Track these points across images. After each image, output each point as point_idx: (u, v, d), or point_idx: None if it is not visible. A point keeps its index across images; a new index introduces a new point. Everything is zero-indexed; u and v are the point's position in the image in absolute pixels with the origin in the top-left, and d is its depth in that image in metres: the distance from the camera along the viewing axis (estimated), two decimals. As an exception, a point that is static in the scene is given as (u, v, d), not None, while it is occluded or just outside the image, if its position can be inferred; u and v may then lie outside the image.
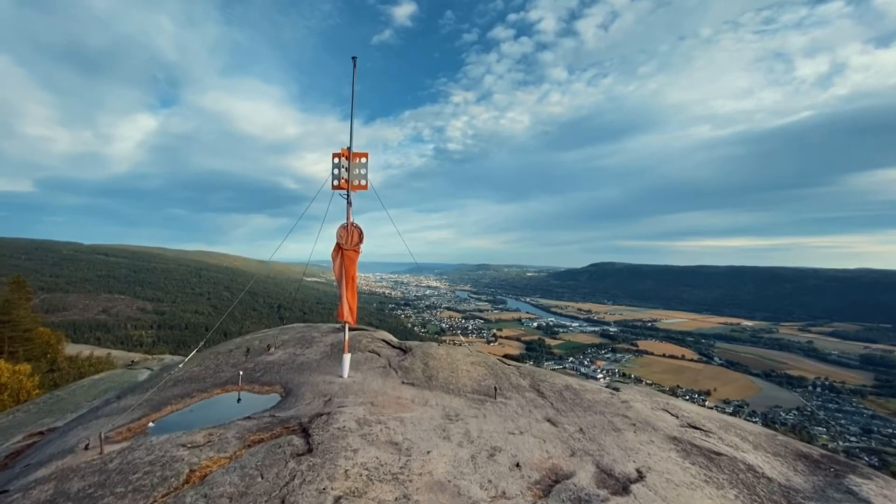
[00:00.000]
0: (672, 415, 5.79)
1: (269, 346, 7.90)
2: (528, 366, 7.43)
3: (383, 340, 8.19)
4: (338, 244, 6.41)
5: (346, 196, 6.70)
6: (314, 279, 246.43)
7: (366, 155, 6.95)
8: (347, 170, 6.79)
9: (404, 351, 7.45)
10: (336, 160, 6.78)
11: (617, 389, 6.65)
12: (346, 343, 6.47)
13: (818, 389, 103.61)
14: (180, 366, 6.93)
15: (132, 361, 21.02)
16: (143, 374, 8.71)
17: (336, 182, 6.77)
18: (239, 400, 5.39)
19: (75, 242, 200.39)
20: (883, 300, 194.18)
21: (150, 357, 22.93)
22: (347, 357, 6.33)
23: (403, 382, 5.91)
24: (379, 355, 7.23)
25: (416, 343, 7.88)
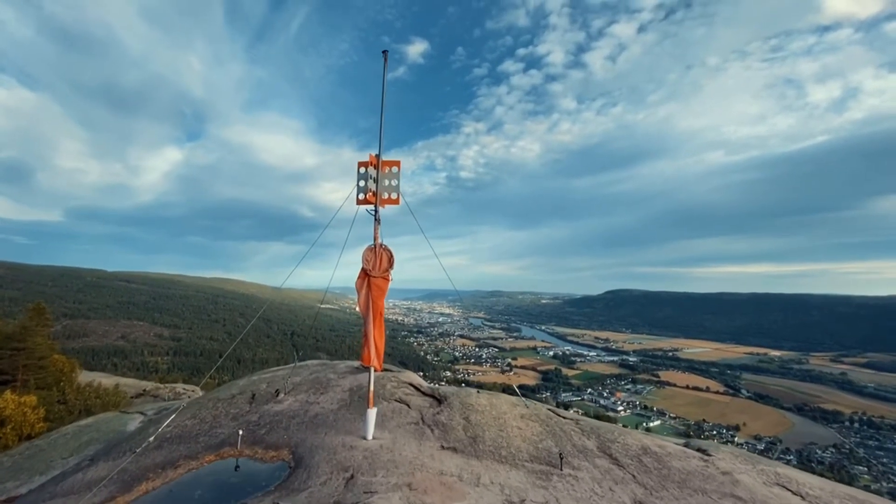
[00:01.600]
0: (793, 492, 4.42)
1: (277, 392, 6.69)
2: (588, 419, 6.13)
3: (411, 385, 6.90)
4: (363, 270, 5.37)
5: (373, 212, 5.74)
6: (328, 306, 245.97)
7: (398, 163, 5.95)
8: (376, 181, 5.84)
9: (438, 400, 6.17)
10: (362, 170, 5.80)
11: (706, 453, 5.28)
12: (371, 395, 5.26)
13: (856, 425, 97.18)
14: (172, 417, 5.77)
15: (143, 390, 19.95)
16: (135, 422, 7.57)
17: (362, 195, 5.80)
18: (237, 468, 4.22)
19: (99, 270, 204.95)
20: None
21: (161, 386, 21.80)
22: (373, 413, 5.12)
23: (444, 447, 4.64)
24: (409, 406, 5.99)
25: (451, 390, 6.60)
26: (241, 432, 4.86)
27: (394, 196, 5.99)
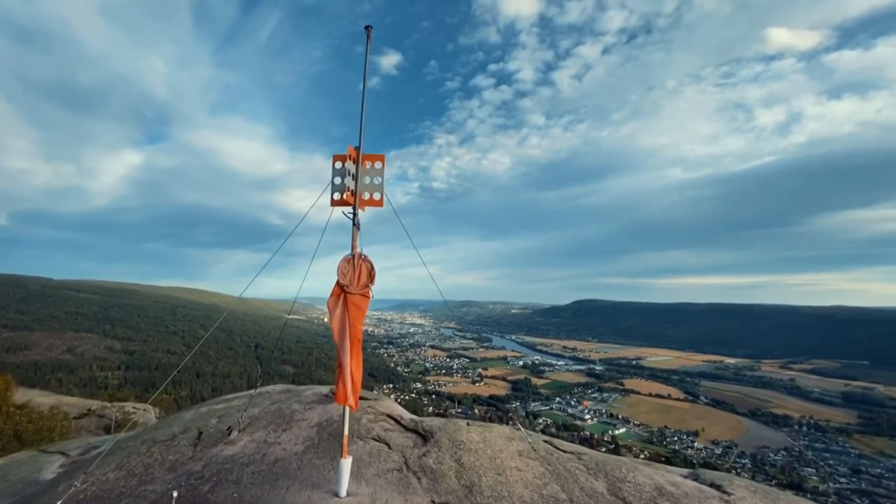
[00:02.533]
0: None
1: (229, 430, 5.51)
2: (590, 452, 5.43)
3: (390, 417, 5.95)
4: (338, 286, 4.36)
5: (351, 215, 4.72)
6: (296, 317, 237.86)
7: (381, 158, 4.95)
8: (355, 178, 4.81)
9: (423, 437, 5.24)
10: (338, 164, 4.77)
11: (722, 490, 4.72)
12: (345, 442, 4.22)
13: (804, 428, 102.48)
14: (92, 467, 4.60)
15: (88, 410, 17.72)
16: (53, 465, 6.21)
17: (338, 195, 4.76)
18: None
19: (45, 278, 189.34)
20: (858, 337, 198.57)
21: (108, 405, 19.53)
22: (347, 465, 4.08)
23: (434, 502, 3.82)
24: (389, 446, 5.02)
25: (437, 423, 5.55)
26: (175, 494, 3.68)
27: (377, 197, 4.97)
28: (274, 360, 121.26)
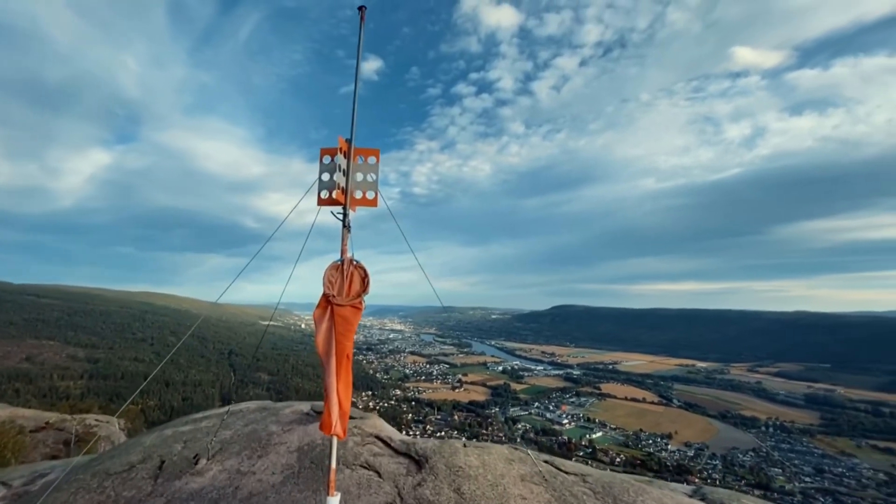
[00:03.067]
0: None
1: (196, 458, 4.81)
2: (594, 472, 5.05)
3: (379, 439, 5.37)
4: (324, 297, 3.81)
5: (341, 215, 4.21)
6: (272, 323, 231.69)
7: (376, 153, 4.43)
8: (346, 174, 4.29)
9: (417, 462, 4.72)
10: (326, 158, 4.20)
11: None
12: (332, 476, 3.58)
13: (770, 429, 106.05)
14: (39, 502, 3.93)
15: (46, 423, 16.30)
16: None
17: (326, 193, 4.20)
18: None
19: (4, 282, 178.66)
20: (819, 341, 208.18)
21: (68, 418, 18.02)
22: (335, 502, 3.48)
23: (434, 544, 3.35)
24: (379, 474, 4.47)
25: (432, 445, 5.03)
26: None
27: (370, 195, 4.35)
28: (248, 368, 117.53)
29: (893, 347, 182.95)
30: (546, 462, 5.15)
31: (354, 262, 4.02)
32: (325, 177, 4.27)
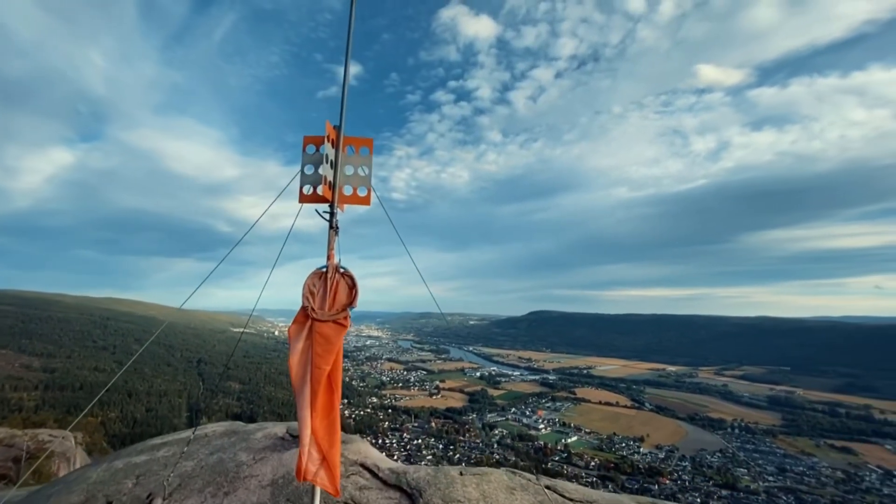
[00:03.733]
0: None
1: (151, 498, 4.16)
2: (600, 498, 4.95)
3: (365, 468, 4.76)
4: (302, 311, 3.28)
5: (328, 214, 3.68)
6: (241, 329, 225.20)
7: (369, 143, 3.89)
8: (334, 166, 3.75)
9: (410, 497, 4.25)
10: (311, 148, 3.67)
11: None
12: None
13: (736, 431, 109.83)
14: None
15: None
16: None
17: (309, 188, 3.67)
18: None
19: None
20: (780, 345, 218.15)
21: (18, 433, 17.27)
22: None
23: None
24: None
25: (425, 474, 4.66)
26: None
27: (362, 192, 3.84)
28: (217, 377, 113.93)
29: (847, 351, 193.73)
30: (549, 488, 4.82)
31: (341, 270, 3.42)
32: (309, 169, 3.65)
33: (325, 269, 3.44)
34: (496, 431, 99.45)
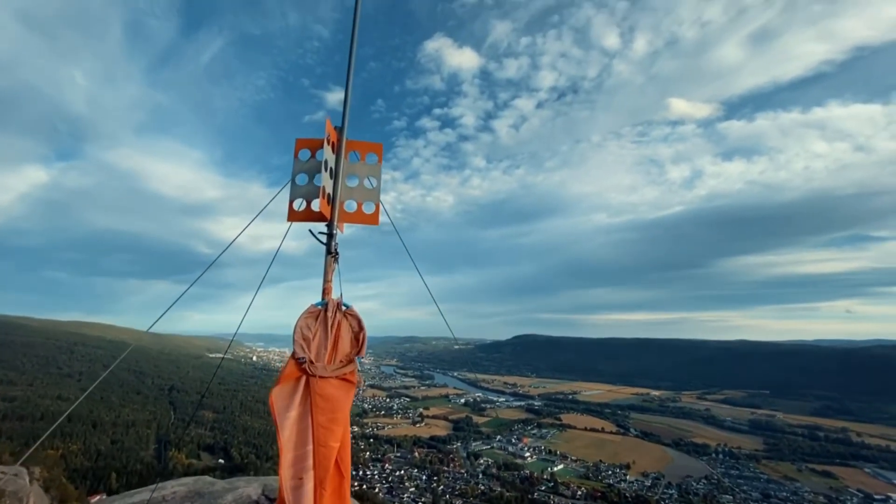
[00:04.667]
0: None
1: None
2: None
3: None
4: (294, 362, 2.47)
5: (325, 236, 2.99)
6: (218, 355, 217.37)
7: (378, 149, 3.28)
8: (334, 175, 3.07)
9: None
10: (306, 153, 3.02)
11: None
12: None
13: (720, 456, 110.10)
14: None
15: None
16: None
17: (302, 203, 2.99)
18: None
19: None
20: (759, 368, 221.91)
21: None
22: None
23: None
24: None
25: None
26: None
27: (368, 209, 3.17)
28: (190, 405, 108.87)
29: (823, 374, 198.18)
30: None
31: (343, 308, 2.70)
32: (302, 180, 2.94)
33: (322, 307, 2.66)
34: (481, 460, 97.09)
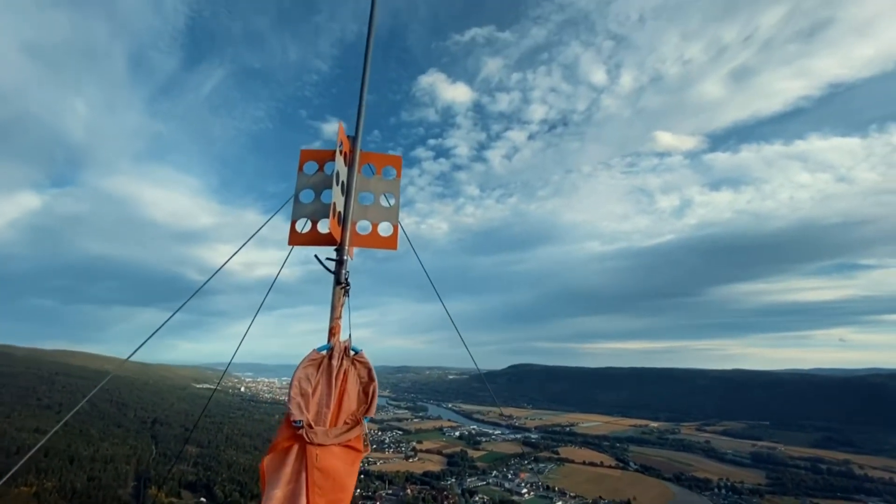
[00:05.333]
0: None
1: None
2: None
3: None
4: (288, 425, 2.02)
5: (334, 262, 2.56)
6: (205, 386, 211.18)
7: (397, 162, 2.95)
8: (346, 191, 2.69)
9: None
10: (312, 166, 2.65)
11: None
12: None
13: (723, 491, 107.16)
14: None
15: None
16: None
17: (307, 223, 2.56)
18: None
19: None
20: (758, 398, 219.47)
21: None
22: None
23: None
24: None
25: None
26: None
27: (385, 230, 2.83)
28: (174, 439, 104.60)
29: (822, 404, 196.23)
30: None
31: (351, 355, 2.26)
32: (307, 196, 2.53)
33: (326, 352, 2.16)
34: (477, 498, 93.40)
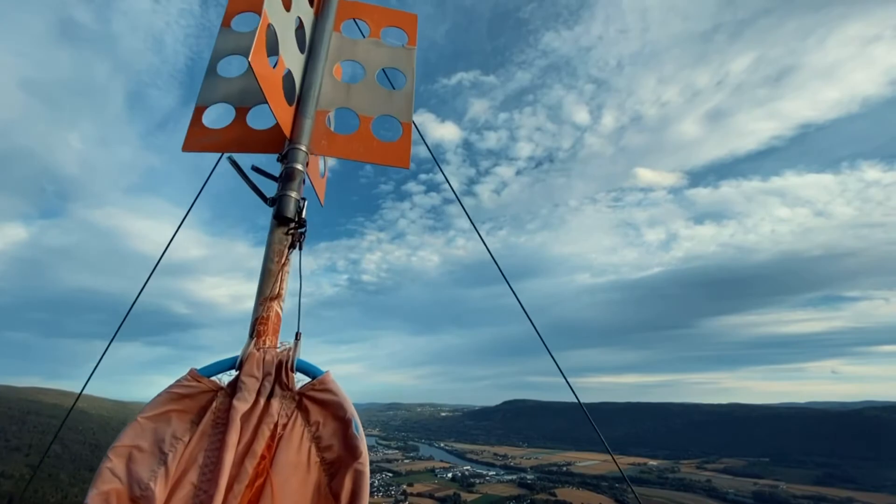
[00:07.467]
0: None
1: None
2: None
3: None
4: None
5: (276, 187, 1.42)
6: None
7: (409, 21, 1.83)
8: (309, 53, 1.56)
9: None
10: (250, 17, 1.58)
11: None
12: None
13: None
14: None
15: None
16: None
17: (227, 116, 1.49)
18: None
19: None
20: (755, 434, 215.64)
21: None
22: None
23: None
24: None
25: None
26: None
27: (389, 130, 1.58)
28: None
29: (819, 439, 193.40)
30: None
31: (306, 375, 1.11)
32: (227, 68, 1.61)
33: (236, 366, 1.12)
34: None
